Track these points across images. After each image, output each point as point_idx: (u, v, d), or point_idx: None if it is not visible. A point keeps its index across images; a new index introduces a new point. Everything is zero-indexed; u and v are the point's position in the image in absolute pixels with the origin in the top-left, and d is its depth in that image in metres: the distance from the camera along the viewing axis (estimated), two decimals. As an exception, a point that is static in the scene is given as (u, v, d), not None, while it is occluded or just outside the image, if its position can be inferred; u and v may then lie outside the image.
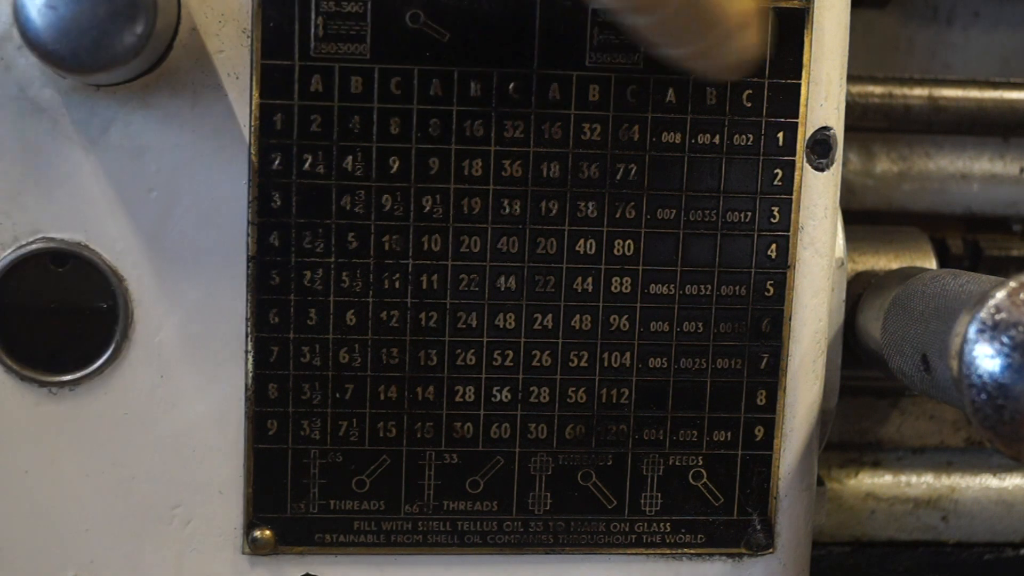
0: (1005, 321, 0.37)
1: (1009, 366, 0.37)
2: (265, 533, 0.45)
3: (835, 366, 0.48)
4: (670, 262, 0.45)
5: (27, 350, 0.43)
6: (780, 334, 0.46)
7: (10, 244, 0.43)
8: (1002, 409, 0.37)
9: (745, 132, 0.45)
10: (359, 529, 0.46)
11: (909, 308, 0.44)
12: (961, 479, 0.59)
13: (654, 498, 0.47)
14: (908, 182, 0.59)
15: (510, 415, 0.46)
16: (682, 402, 0.46)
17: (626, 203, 0.45)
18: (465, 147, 0.44)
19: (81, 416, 0.44)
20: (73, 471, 0.44)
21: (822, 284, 0.46)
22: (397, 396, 0.45)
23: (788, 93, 0.45)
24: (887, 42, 0.60)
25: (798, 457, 0.47)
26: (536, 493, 0.46)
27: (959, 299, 0.40)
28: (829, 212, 0.46)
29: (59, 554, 0.45)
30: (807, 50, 0.45)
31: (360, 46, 0.43)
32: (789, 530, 0.48)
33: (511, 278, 0.45)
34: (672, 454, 0.46)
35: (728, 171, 0.45)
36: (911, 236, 0.56)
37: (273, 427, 0.45)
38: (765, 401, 0.46)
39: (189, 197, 0.43)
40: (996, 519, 0.58)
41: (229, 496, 0.45)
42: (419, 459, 0.45)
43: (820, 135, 0.45)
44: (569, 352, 0.45)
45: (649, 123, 0.44)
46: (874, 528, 0.58)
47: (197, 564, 0.45)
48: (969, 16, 0.60)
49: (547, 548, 0.47)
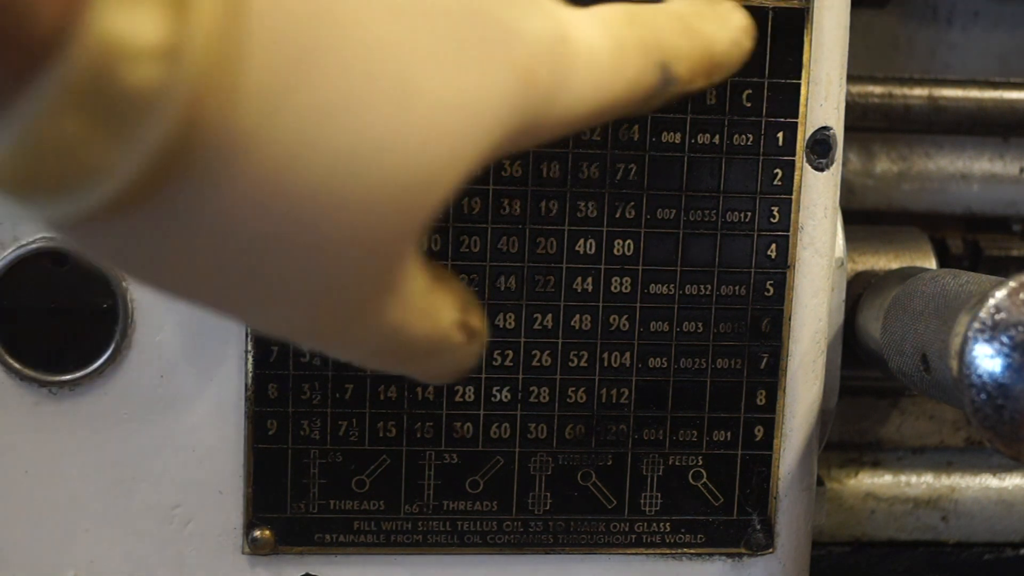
0: (1005, 321, 0.37)
1: (1009, 366, 0.37)
2: (265, 533, 0.45)
3: (835, 366, 0.48)
4: (670, 262, 0.45)
5: (27, 350, 0.43)
6: (780, 334, 0.46)
7: (10, 244, 0.43)
8: (1002, 409, 0.37)
9: (745, 132, 0.45)
10: (359, 529, 0.46)
11: (909, 308, 0.44)
12: (961, 479, 0.59)
13: (654, 498, 0.47)
14: (908, 182, 0.59)
15: (510, 415, 0.46)
16: (682, 402, 0.46)
17: (626, 203, 0.45)
18: (465, 147, 0.44)
19: (81, 416, 0.44)
20: (73, 471, 0.44)
21: (822, 284, 0.46)
22: (397, 396, 0.45)
23: (788, 93, 0.45)
24: (887, 42, 0.59)
25: (798, 457, 0.47)
26: (536, 493, 0.46)
27: (959, 299, 0.40)
28: (829, 212, 0.46)
29: (59, 554, 0.45)
30: (807, 50, 0.45)
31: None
32: (789, 530, 0.48)
33: (511, 278, 0.45)
34: (672, 454, 0.46)
35: (728, 171, 0.45)
36: (911, 236, 0.56)
37: (273, 427, 0.45)
38: (765, 401, 0.46)
39: (189, 197, 0.43)
40: (996, 519, 0.58)
41: (229, 496, 0.45)
42: (419, 459, 0.45)
43: (820, 135, 0.45)
44: (569, 352, 0.45)
45: (649, 123, 0.44)
46: (874, 528, 0.58)
47: (197, 564, 0.45)
48: (969, 16, 0.60)
49: (547, 548, 0.47)
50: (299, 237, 0.24)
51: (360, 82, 0.24)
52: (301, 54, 0.23)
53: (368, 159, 0.24)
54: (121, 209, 0.22)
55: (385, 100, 0.24)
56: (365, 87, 0.24)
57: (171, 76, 0.21)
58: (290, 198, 0.23)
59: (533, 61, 0.28)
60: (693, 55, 0.35)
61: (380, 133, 0.24)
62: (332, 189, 0.24)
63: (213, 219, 0.23)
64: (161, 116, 0.21)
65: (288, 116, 0.23)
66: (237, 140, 0.22)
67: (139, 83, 0.21)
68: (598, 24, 0.32)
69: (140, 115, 0.21)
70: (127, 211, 0.22)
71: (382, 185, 0.25)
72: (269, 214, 0.23)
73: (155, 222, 0.23)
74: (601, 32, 0.32)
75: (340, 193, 0.24)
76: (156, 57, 0.21)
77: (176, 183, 0.22)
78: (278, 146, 0.23)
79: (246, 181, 0.23)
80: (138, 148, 0.21)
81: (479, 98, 0.27)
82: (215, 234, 0.23)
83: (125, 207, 0.22)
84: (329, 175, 0.24)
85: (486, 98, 0.27)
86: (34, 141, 0.21)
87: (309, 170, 0.23)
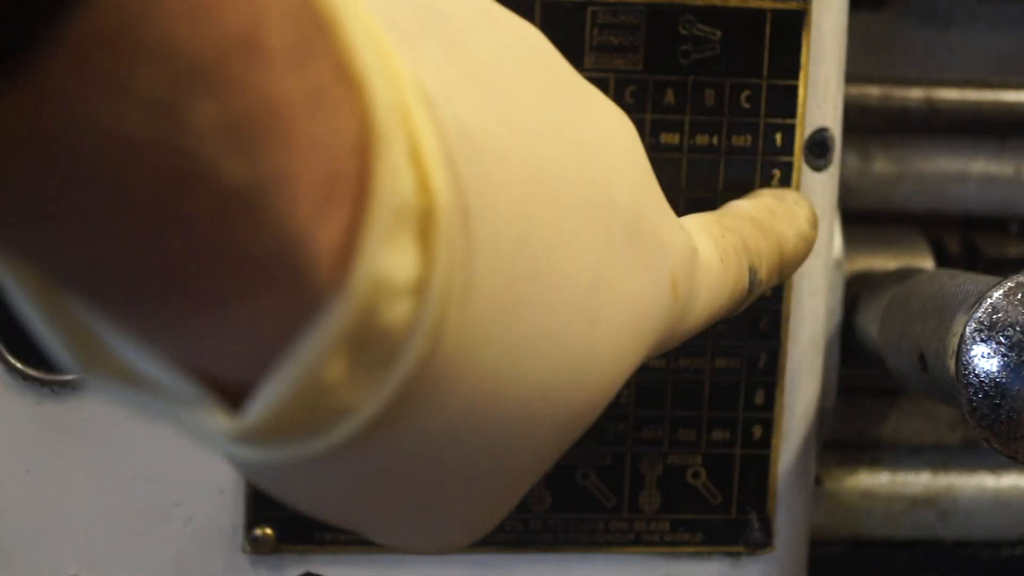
0: (1002, 321, 0.37)
1: (1006, 365, 0.37)
2: (266, 532, 0.45)
3: (833, 365, 0.49)
4: (669, 262, 0.45)
5: (29, 349, 0.43)
6: (778, 334, 0.46)
7: (12, 244, 0.43)
8: (999, 408, 0.37)
9: (743, 133, 0.45)
10: (359, 528, 0.46)
11: (907, 308, 0.44)
12: (958, 478, 0.59)
13: (653, 497, 0.47)
14: (906, 183, 0.59)
15: (510, 414, 0.46)
16: (681, 401, 0.46)
17: (625, 203, 0.45)
18: (465, 148, 0.44)
19: (83, 415, 0.44)
20: (75, 470, 0.44)
21: (820, 284, 0.47)
22: (397, 395, 0.45)
23: (786, 94, 0.45)
24: (884, 43, 0.60)
25: (796, 456, 0.47)
26: (535, 492, 0.46)
27: (956, 299, 0.40)
28: (827, 212, 0.46)
29: (60, 552, 0.45)
30: (805, 51, 0.45)
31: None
32: (787, 528, 0.48)
33: (511, 278, 0.45)
34: (671, 453, 0.47)
35: (727, 172, 0.45)
36: (909, 236, 0.56)
37: (274, 426, 0.45)
38: (763, 400, 0.47)
39: (190, 197, 0.43)
40: (993, 518, 0.59)
41: (229, 495, 0.45)
42: (419, 458, 0.46)
43: (818, 136, 0.46)
44: (568, 352, 0.45)
45: (648, 124, 0.45)
46: (871, 527, 0.58)
47: (198, 563, 0.46)
48: (966, 18, 0.60)
49: (546, 546, 0.47)
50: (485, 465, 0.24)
51: (558, 311, 0.24)
52: (513, 282, 0.23)
53: (562, 386, 0.25)
54: (352, 447, 0.21)
55: (578, 324, 0.24)
56: (563, 316, 0.24)
57: (423, 311, 0.20)
58: (487, 430, 0.23)
59: (678, 272, 0.29)
60: (771, 256, 0.36)
61: (573, 360, 0.25)
62: (524, 419, 0.24)
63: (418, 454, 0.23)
64: (412, 353, 0.21)
65: (498, 348, 0.22)
66: (460, 371, 0.22)
67: (398, 321, 0.20)
68: (702, 232, 0.33)
69: (397, 353, 0.20)
70: (356, 448, 0.21)
71: (568, 410, 0.25)
72: (462, 444, 0.23)
73: (374, 457, 0.22)
74: (708, 241, 0.32)
75: (532, 420, 0.24)
76: (411, 293, 0.20)
77: (410, 417, 0.21)
78: (486, 377, 0.22)
79: (454, 411, 0.22)
80: (389, 385, 0.21)
81: (643, 313, 0.27)
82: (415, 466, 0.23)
83: (358, 444, 0.21)
84: (525, 407, 0.24)
85: (648, 312, 0.27)
86: (303, 389, 0.20)
87: (507, 402, 0.23)
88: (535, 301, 0.23)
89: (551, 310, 0.24)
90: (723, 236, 0.34)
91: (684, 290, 0.30)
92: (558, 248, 0.24)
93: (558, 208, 0.24)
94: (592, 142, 0.26)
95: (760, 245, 0.36)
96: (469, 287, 0.21)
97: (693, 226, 0.33)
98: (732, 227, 0.35)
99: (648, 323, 0.28)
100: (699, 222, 0.34)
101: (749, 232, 0.36)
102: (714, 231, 0.33)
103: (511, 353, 0.23)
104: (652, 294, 0.28)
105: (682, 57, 0.44)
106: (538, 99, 0.25)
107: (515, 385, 0.23)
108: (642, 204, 0.28)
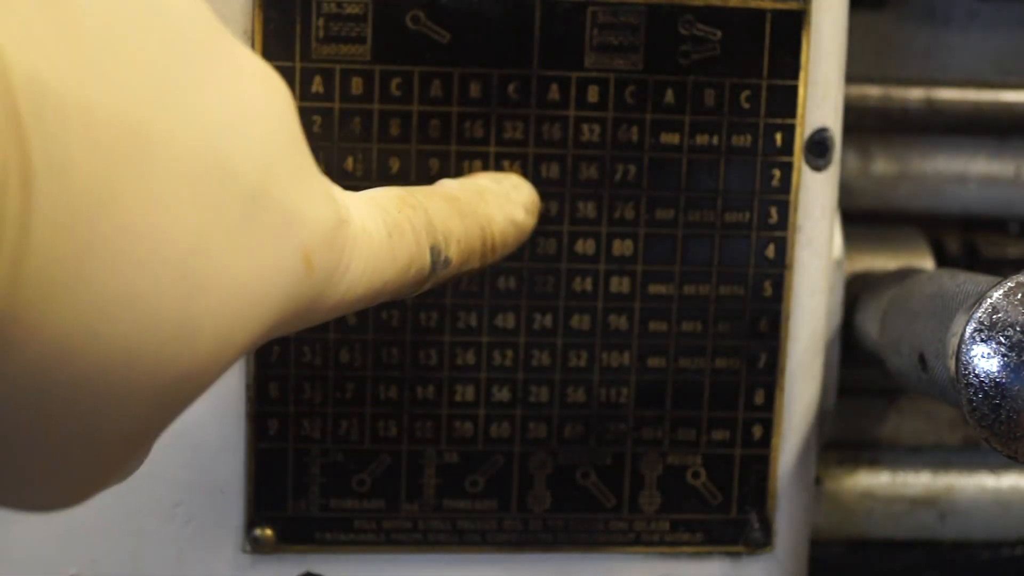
0: (1002, 321, 0.37)
1: (1006, 365, 0.37)
2: (266, 532, 0.45)
3: (833, 366, 0.49)
4: (669, 262, 0.45)
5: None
6: (778, 334, 0.46)
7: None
8: (999, 408, 0.37)
9: (743, 133, 0.45)
10: (359, 528, 0.46)
11: (907, 308, 0.44)
12: (958, 478, 0.59)
13: (653, 497, 0.47)
14: (905, 183, 0.59)
15: (509, 414, 0.46)
16: (681, 401, 0.46)
17: (625, 204, 0.45)
18: (465, 148, 0.44)
19: (83, 415, 0.44)
20: (75, 470, 0.44)
21: (820, 284, 0.47)
22: (397, 395, 0.45)
23: (786, 94, 0.45)
24: (884, 43, 0.60)
25: (796, 456, 0.47)
26: (535, 492, 0.46)
27: (956, 299, 0.40)
28: (827, 212, 0.46)
29: (60, 552, 0.45)
30: (805, 51, 0.45)
31: (361, 48, 0.43)
32: (787, 529, 0.48)
33: (511, 278, 0.45)
34: (671, 453, 0.47)
35: (727, 172, 0.45)
36: (908, 236, 0.56)
37: (274, 426, 0.45)
38: (763, 400, 0.47)
39: (190, 197, 0.43)
40: (993, 518, 0.59)
41: (230, 495, 0.45)
42: (419, 458, 0.46)
43: (818, 136, 0.46)
44: (568, 352, 0.46)
45: (648, 124, 0.45)
46: (872, 527, 0.58)
47: (198, 562, 0.46)
48: (966, 17, 0.60)
49: (546, 546, 0.47)
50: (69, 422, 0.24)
51: (145, 277, 0.23)
52: (89, 241, 0.22)
53: (150, 352, 0.24)
54: None
55: (171, 294, 0.24)
56: (150, 282, 0.24)
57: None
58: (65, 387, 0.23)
59: (313, 246, 0.28)
60: (468, 238, 0.36)
61: (164, 329, 0.24)
62: (111, 380, 0.24)
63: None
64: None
65: (69, 309, 0.22)
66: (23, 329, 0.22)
67: None
68: (373, 207, 0.32)
69: None
70: None
71: (164, 377, 0.25)
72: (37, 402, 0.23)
73: None
74: (376, 215, 0.32)
75: (120, 382, 0.24)
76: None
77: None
78: (59, 335, 0.22)
79: (23, 367, 0.22)
80: None
81: (260, 288, 0.27)
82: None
83: None
84: (107, 368, 0.23)
85: (267, 287, 0.27)
86: None
87: (85, 360, 0.23)
88: (117, 263, 0.23)
89: (137, 274, 0.23)
90: (399, 211, 0.33)
91: (323, 263, 0.29)
92: (151, 214, 0.23)
93: (153, 174, 0.24)
94: (213, 111, 0.25)
95: (452, 225, 0.35)
96: (26, 244, 0.21)
97: (363, 199, 0.32)
98: (417, 204, 0.34)
99: (268, 297, 0.27)
100: (374, 195, 0.33)
101: (441, 211, 0.35)
102: (389, 206, 0.33)
103: (87, 313, 0.23)
104: (274, 266, 0.27)
105: (682, 57, 0.44)
106: (151, 62, 0.24)
107: (94, 344, 0.23)
108: (271, 175, 0.27)
